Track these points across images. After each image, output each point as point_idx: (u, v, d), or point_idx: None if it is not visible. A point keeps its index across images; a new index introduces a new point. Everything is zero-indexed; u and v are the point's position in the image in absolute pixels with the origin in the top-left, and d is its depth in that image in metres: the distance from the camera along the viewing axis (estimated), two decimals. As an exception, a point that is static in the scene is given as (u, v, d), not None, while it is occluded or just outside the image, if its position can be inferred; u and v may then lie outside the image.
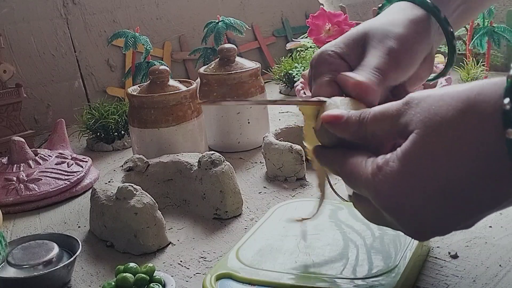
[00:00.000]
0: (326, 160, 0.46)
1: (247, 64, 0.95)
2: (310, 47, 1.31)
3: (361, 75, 0.47)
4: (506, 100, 0.35)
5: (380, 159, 0.40)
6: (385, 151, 0.41)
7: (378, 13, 0.57)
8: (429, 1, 0.51)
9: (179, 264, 0.61)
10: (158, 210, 0.65)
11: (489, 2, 0.60)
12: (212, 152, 0.72)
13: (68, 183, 0.82)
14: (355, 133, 0.43)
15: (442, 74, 0.58)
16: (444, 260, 0.57)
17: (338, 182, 0.52)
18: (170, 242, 0.66)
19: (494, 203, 0.37)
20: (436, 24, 0.52)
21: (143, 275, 0.54)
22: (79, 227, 0.73)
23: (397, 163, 0.39)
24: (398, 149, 0.39)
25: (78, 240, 0.61)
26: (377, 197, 0.40)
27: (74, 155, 0.89)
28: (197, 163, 0.73)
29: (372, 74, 0.47)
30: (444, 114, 0.37)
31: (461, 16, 0.56)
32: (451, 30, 0.52)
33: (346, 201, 0.70)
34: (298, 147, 0.79)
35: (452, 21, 0.53)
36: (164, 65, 0.97)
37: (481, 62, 1.17)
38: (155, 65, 0.98)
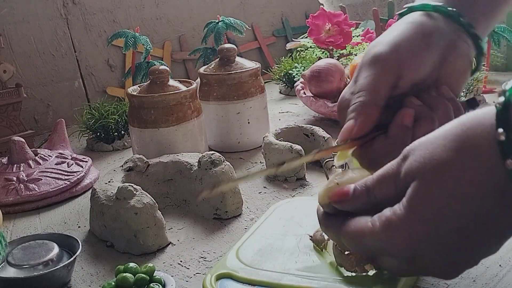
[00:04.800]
0: (329, 226, 0.46)
1: (247, 64, 0.95)
2: (310, 47, 1.31)
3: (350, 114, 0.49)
4: (500, 130, 0.34)
5: (388, 211, 0.40)
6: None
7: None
8: (449, 9, 0.52)
9: (179, 264, 0.61)
10: (158, 210, 0.65)
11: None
12: (212, 152, 0.72)
13: (68, 183, 0.82)
14: (366, 203, 0.42)
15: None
16: (444, 260, 0.57)
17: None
18: (170, 242, 0.66)
19: (508, 232, 0.37)
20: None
21: (143, 275, 0.54)
22: (79, 227, 0.73)
23: (404, 211, 0.38)
24: (403, 199, 0.39)
25: (78, 240, 0.61)
26: (392, 248, 0.40)
27: (74, 155, 0.89)
28: (197, 163, 0.73)
29: (356, 107, 0.48)
30: (439, 156, 0.37)
31: (492, 18, 0.56)
32: (475, 32, 0.53)
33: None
34: (298, 147, 0.79)
35: (483, 23, 0.53)
36: (164, 65, 0.97)
37: (481, 62, 1.17)
38: (155, 65, 0.98)
